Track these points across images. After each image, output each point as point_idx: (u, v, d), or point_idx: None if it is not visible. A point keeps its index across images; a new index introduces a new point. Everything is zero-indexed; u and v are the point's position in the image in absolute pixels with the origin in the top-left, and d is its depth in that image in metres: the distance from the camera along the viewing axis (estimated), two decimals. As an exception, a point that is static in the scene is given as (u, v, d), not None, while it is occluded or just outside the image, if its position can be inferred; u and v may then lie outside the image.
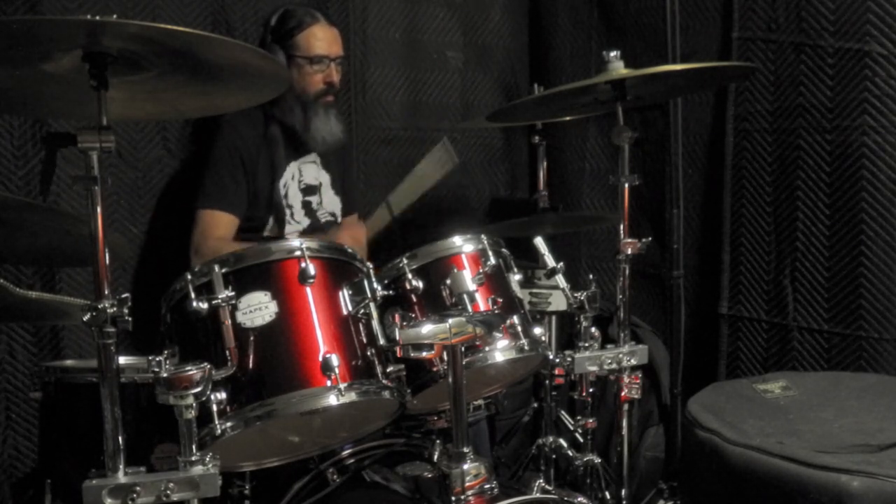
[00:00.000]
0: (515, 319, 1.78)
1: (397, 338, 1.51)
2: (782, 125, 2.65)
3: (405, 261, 1.76)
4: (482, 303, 1.75)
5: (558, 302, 2.55)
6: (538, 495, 1.64)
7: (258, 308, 1.53)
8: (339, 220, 2.67)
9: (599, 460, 2.16)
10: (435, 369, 1.70)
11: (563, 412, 2.72)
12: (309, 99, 2.47)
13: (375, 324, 1.65)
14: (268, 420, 1.49)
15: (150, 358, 1.33)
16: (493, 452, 2.71)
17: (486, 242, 1.83)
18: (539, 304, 2.56)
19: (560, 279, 1.94)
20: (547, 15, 3.44)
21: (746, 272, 2.79)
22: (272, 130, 2.47)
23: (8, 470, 2.39)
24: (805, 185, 2.60)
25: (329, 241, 1.75)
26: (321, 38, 2.45)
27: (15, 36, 1.22)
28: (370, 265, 1.73)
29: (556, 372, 2.58)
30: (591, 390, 2.03)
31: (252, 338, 1.52)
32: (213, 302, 1.50)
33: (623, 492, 2.09)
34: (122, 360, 1.71)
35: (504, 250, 1.90)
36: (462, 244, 1.81)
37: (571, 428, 2.61)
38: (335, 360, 1.52)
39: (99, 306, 1.28)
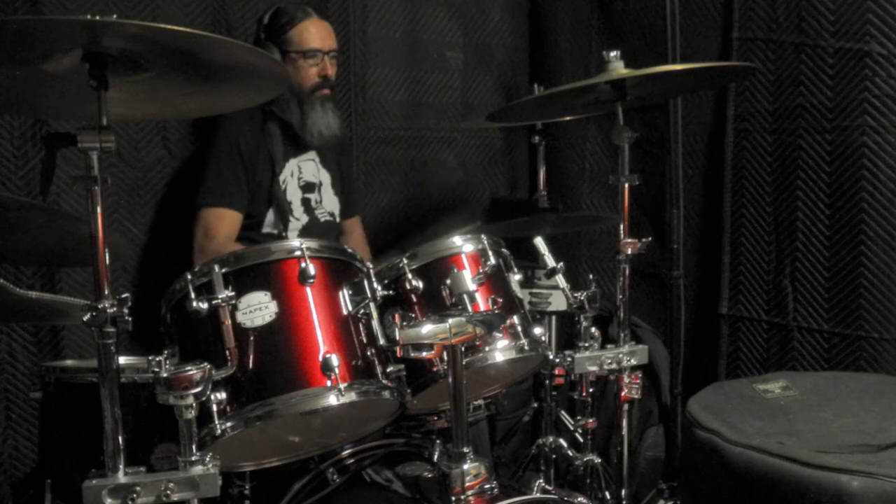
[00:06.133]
0: (515, 319, 1.78)
1: (397, 338, 1.51)
2: (782, 125, 2.65)
3: (405, 261, 1.75)
4: (482, 303, 1.75)
5: (558, 302, 2.55)
6: (538, 495, 1.64)
7: (258, 308, 1.53)
8: (338, 220, 2.67)
9: (599, 460, 2.16)
10: (435, 369, 1.70)
11: (563, 412, 2.72)
12: (305, 93, 2.49)
13: (375, 324, 1.65)
14: (268, 420, 1.49)
15: (150, 358, 1.33)
16: (493, 452, 2.71)
17: (486, 242, 1.83)
18: (539, 304, 2.56)
19: (560, 279, 1.93)
20: (547, 15, 3.44)
21: (746, 272, 2.79)
22: (270, 127, 2.49)
23: (8, 470, 2.39)
24: (805, 185, 2.60)
25: (329, 241, 1.75)
26: (314, 32, 2.48)
27: (15, 36, 1.22)
28: (370, 265, 1.73)
29: (556, 372, 2.58)
30: (591, 390, 2.02)
31: (252, 338, 1.52)
32: (213, 302, 1.50)
33: (623, 492, 2.09)
34: (122, 360, 1.71)
35: (504, 250, 1.90)
36: (462, 244, 1.81)
37: (571, 428, 2.61)
38: (335, 360, 1.52)
39: (99, 306, 1.28)
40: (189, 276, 1.56)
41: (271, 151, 2.49)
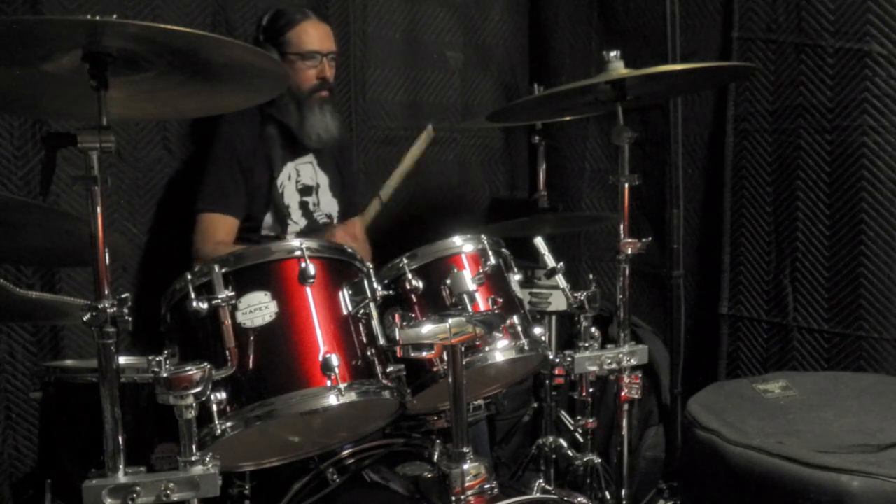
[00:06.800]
0: (515, 319, 1.78)
1: (397, 338, 1.51)
2: (782, 125, 2.65)
3: (405, 261, 1.76)
4: (482, 303, 1.75)
5: (558, 302, 2.55)
6: (538, 495, 1.64)
7: (258, 308, 1.53)
8: (336, 221, 2.67)
9: (599, 460, 2.16)
10: (435, 369, 1.70)
11: (563, 412, 2.72)
12: (303, 95, 2.48)
13: (375, 324, 1.65)
14: (268, 420, 1.49)
15: (150, 358, 1.33)
16: (493, 452, 2.71)
17: (486, 242, 1.83)
18: (539, 304, 2.56)
19: (560, 279, 1.93)
20: (547, 15, 3.44)
21: (746, 272, 2.79)
22: (268, 129, 2.49)
23: (8, 470, 2.39)
24: (805, 185, 2.60)
25: (329, 241, 1.75)
26: (312, 34, 2.48)
27: (15, 36, 1.22)
28: (370, 265, 1.73)
29: (556, 372, 2.58)
30: (591, 390, 2.02)
31: (252, 338, 1.52)
32: (213, 302, 1.50)
33: (623, 492, 2.08)
34: (122, 360, 1.71)
35: (504, 250, 1.90)
36: (462, 244, 1.81)
37: (571, 428, 2.61)
38: (335, 360, 1.52)
39: (99, 306, 1.28)
40: (189, 276, 1.56)
41: (269, 155, 2.48)
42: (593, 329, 1.93)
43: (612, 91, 1.97)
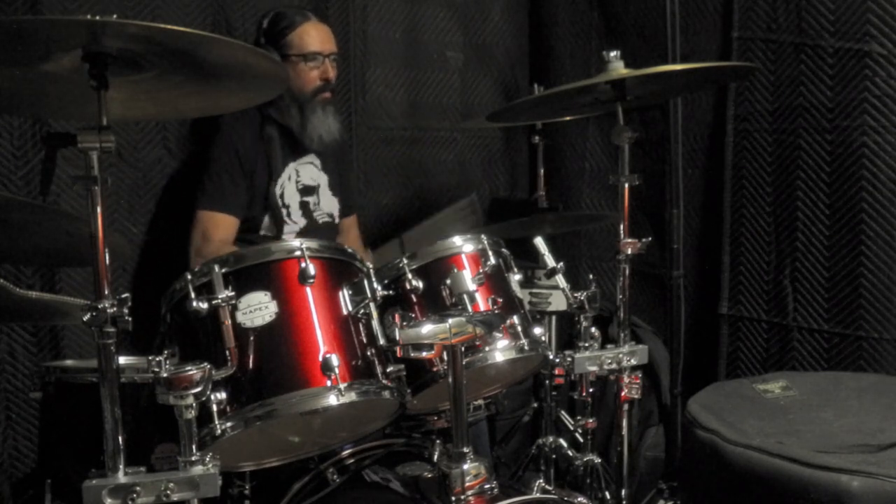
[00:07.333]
0: (515, 319, 1.78)
1: (397, 338, 1.51)
2: (782, 125, 2.65)
3: (405, 261, 1.76)
4: (482, 303, 1.75)
5: (558, 302, 2.55)
6: (538, 495, 1.64)
7: (258, 308, 1.53)
8: (337, 220, 2.67)
9: (599, 460, 2.16)
10: (435, 369, 1.70)
11: (563, 412, 2.72)
12: (306, 97, 2.48)
13: (375, 324, 1.65)
14: (268, 420, 1.49)
15: (150, 358, 1.33)
16: (493, 452, 2.71)
17: (486, 242, 1.83)
18: (539, 304, 2.56)
19: (560, 279, 1.94)
20: (547, 15, 3.44)
21: (746, 272, 2.79)
22: (269, 131, 2.48)
23: (8, 470, 2.39)
24: (805, 185, 2.60)
25: (329, 242, 1.75)
26: (314, 35, 2.47)
27: (15, 36, 1.22)
28: (370, 265, 1.73)
29: (556, 372, 2.58)
30: (591, 390, 2.02)
31: (252, 338, 1.52)
32: (213, 302, 1.50)
33: (623, 492, 2.08)
34: (122, 360, 1.70)
35: (504, 250, 1.90)
36: (462, 244, 1.81)
37: (571, 428, 2.61)
38: (335, 360, 1.52)
39: (99, 306, 1.28)
40: (189, 276, 1.56)
41: (269, 156, 2.48)
42: (593, 329, 1.93)
43: (612, 91, 1.97)
